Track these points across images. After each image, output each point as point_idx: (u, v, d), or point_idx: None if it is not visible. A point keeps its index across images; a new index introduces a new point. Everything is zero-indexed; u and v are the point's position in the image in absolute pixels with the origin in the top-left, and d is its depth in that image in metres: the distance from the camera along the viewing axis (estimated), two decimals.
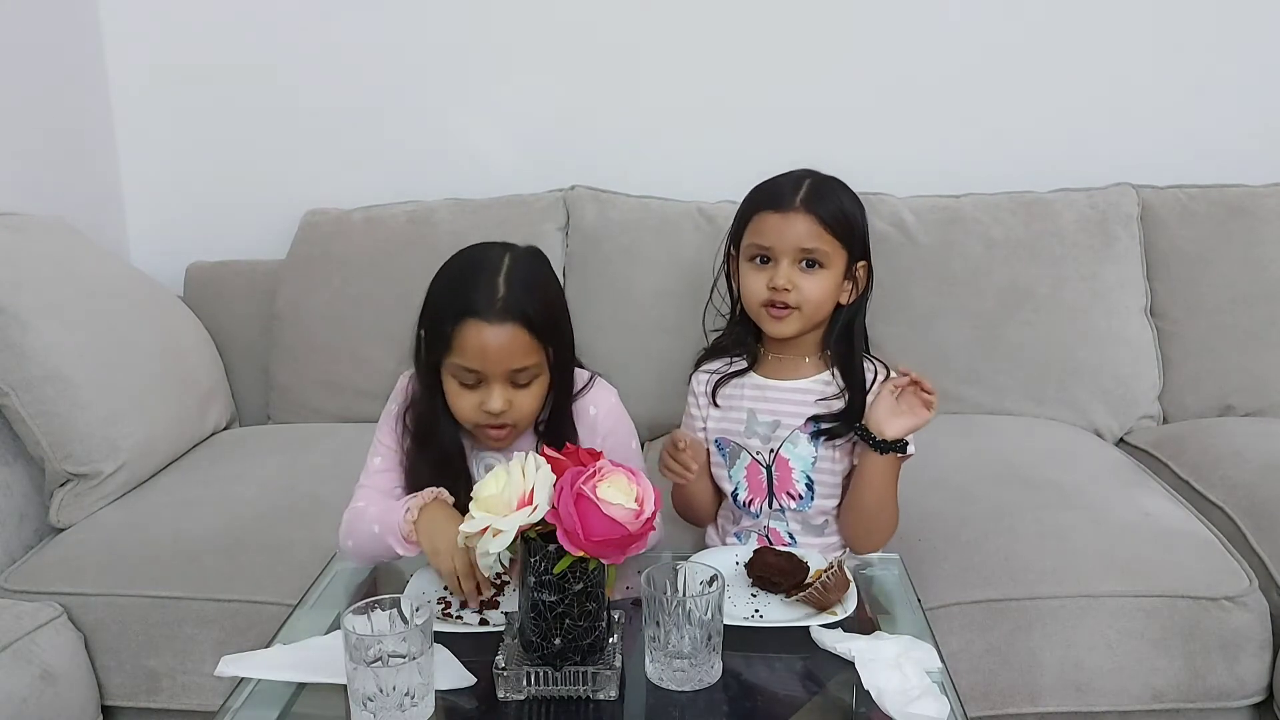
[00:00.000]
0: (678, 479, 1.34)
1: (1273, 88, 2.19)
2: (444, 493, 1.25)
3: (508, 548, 1.00)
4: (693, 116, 2.25)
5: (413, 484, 1.32)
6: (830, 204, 1.33)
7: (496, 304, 1.19)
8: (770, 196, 1.35)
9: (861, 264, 1.38)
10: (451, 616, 1.17)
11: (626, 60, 2.24)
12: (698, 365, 1.47)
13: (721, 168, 2.01)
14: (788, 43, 2.21)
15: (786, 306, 1.33)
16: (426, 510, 1.21)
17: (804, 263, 1.33)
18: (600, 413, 1.35)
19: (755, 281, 1.35)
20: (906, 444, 1.33)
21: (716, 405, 1.43)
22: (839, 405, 1.36)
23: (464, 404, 1.24)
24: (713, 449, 1.45)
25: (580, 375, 1.35)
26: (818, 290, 1.33)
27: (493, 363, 1.20)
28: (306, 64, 2.28)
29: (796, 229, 1.32)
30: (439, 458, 1.31)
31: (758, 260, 1.35)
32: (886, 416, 1.31)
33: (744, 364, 1.43)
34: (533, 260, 1.28)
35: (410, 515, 1.21)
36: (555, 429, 1.31)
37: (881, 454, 1.32)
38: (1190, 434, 1.91)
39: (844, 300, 1.38)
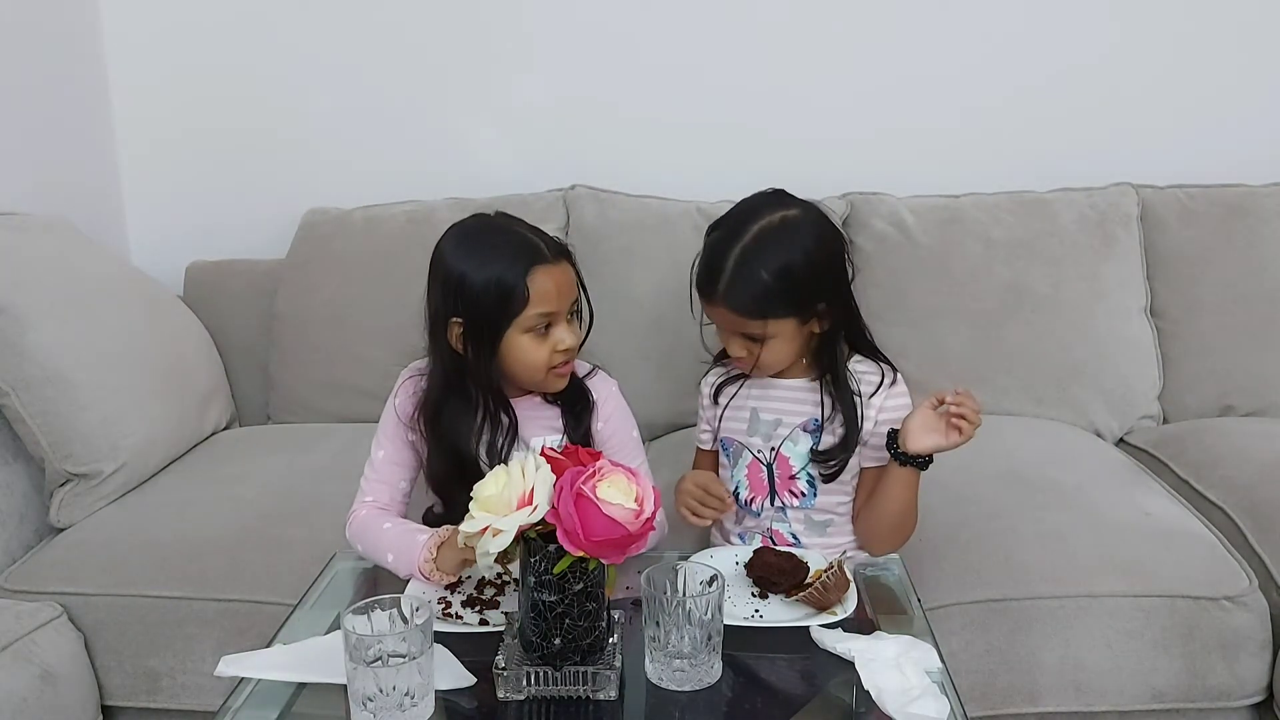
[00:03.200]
0: (717, 513, 1.33)
1: (1272, 88, 2.19)
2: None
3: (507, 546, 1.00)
4: (693, 116, 2.24)
5: (447, 472, 1.33)
6: (749, 291, 1.28)
7: (546, 248, 1.27)
8: (700, 278, 1.33)
9: (822, 303, 1.32)
10: (452, 616, 1.17)
11: (627, 60, 2.24)
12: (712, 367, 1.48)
13: (721, 167, 2.01)
14: (787, 42, 2.21)
15: (747, 364, 1.35)
16: (443, 549, 1.22)
17: (747, 338, 1.32)
18: (601, 398, 1.39)
19: (721, 338, 1.37)
20: (930, 459, 1.31)
21: (717, 403, 1.44)
22: (839, 432, 1.36)
23: (539, 354, 1.28)
24: (720, 449, 1.45)
25: (581, 365, 1.39)
26: (769, 355, 1.33)
27: (564, 298, 1.28)
28: (306, 64, 2.28)
29: (725, 318, 1.32)
30: (496, 424, 1.33)
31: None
32: (918, 430, 1.29)
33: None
34: (514, 217, 1.35)
35: (429, 556, 1.22)
36: (569, 394, 1.36)
37: (901, 465, 1.31)
38: (1190, 434, 1.91)
39: (817, 330, 1.34)
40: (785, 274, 1.28)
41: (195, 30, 2.27)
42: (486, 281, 1.25)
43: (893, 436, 1.32)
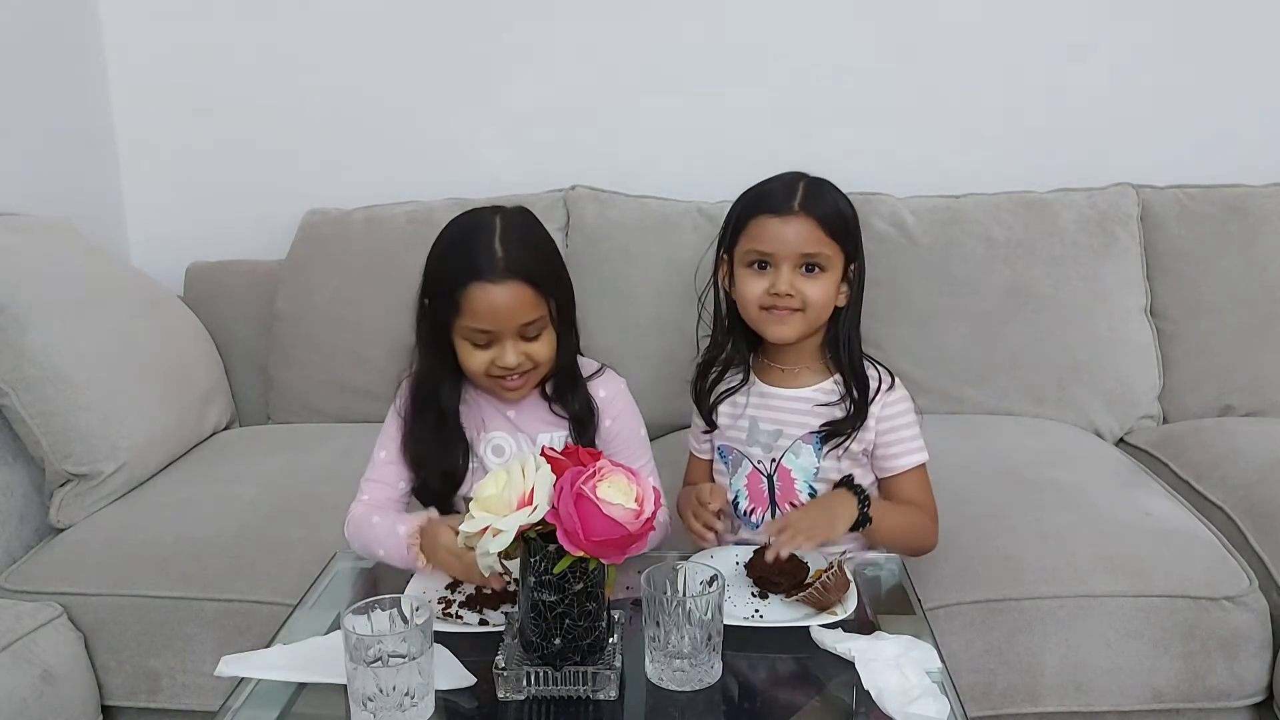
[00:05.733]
0: (699, 538, 1.31)
1: (1272, 87, 2.19)
2: (434, 513, 1.29)
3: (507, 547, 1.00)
4: (693, 116, 2.24)
5: (414, 452, 1.35)
6: (827, 205, 1.31)
7: (498, 264, 1.23)
8: (767, 200, 1.32)
9: (854, 266, 1.35)
10: (452, 616, 1.17)
11: (627, 60, 2.24)
12: (696, 385, 1.45)
13: (721, 168, 2.00)
14: (788, 43, 2.21)
15: (789, 309, 1.31)
16: (425, 535, 1.23)
17: (804, 267, 1.31)
18: (609, 396, 1.39)
19: (754, 287, 1.32)
20: (865, 511, 1.27)
21: (715, 426, 1.43)
22: (840, 413, 1.35)
23: (477, 362, 1.28)
24: (716, 456, 1.45)
25: (589, 364, 1.39)
26: (819, 293, 1.31)
27: (503, 321, 1.24)
28: (307, 64, 2.28)
29: (798, 233, 1.29)
30: (442, 419, 1.34)
31: (756, 265, 1.32)
32: (816, 528, 1.23)
33: (739, 378, 1.41)
34: (524, 219, 1.32)
35: (414, 547, 1.23)
36: (561, 388, 1.36)
37: (865, 523, 1.28)
38: (1190, 434, 1.91)
39: (840, 304, 1.35)
40: (847, 208, 1.34)
41: (195, 30, 2.27)
42: (436, 279, 1.28)
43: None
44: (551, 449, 1.04)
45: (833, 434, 1.35)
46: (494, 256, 1.23)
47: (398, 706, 0.96)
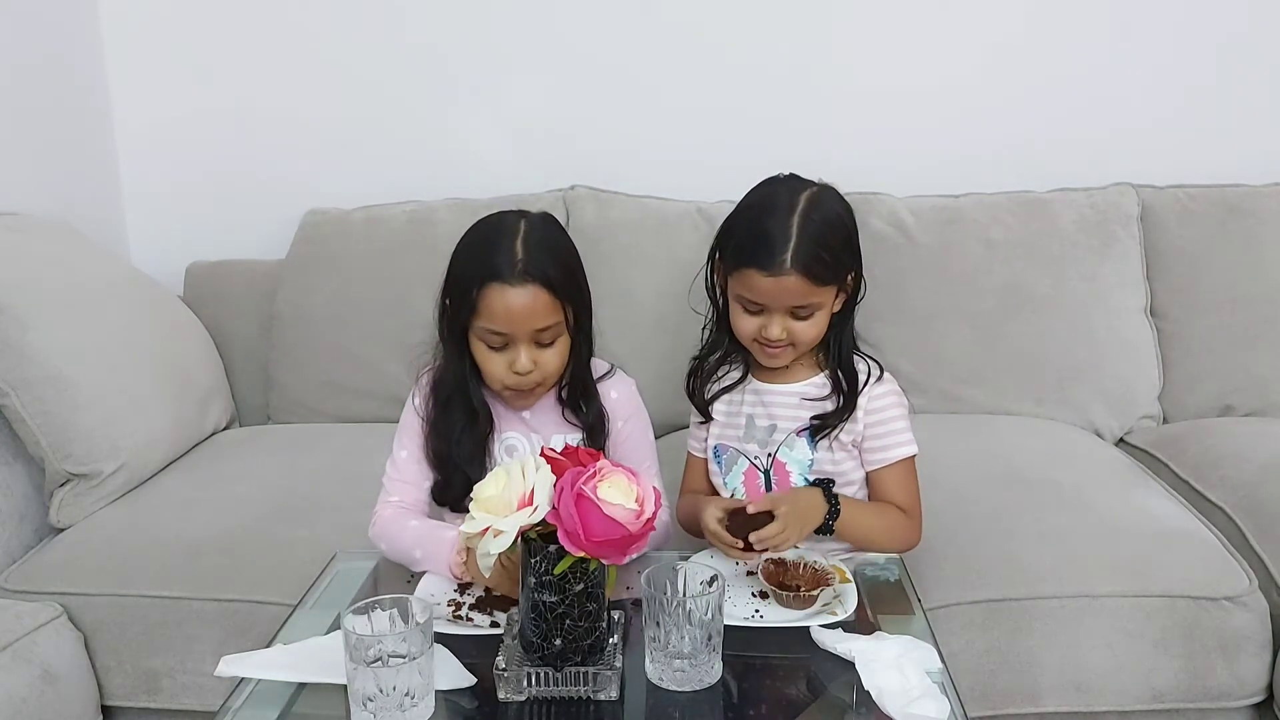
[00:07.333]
0: (730, 550, 1.26)
1: (1273, 88, 2.19)
2: None
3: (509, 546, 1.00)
4: (693, 116, 2.25)
5: (438, 448, 1.35)
6: (820, 249, 1.26)
7: (517, 267, 1.23)
8: (758, 250, 1.27)
9: (851, 275, 1.33)
10: (462, 619, 1.17)
11: (626, 60, 2.24)
12: (690, 381, 1.44)
13: (721, 168, 2.01)
14: (787, 43, 2.21)
15: (780, 346, 1.32)
16: (473, 555, 1.22)
17: (795, 314, 1.30)
18: (620, 398, 1.39)
19: (747, 324, 1.32)
20: (834, 510, 1.28)
21: (711, 418, 1.43)
22: (830, 406, 1.35)
23: (494, 366, 1.28)
24: (710, 457, 1.45)
25: (600, 365, 1.40)
26: (811, 331, 1.31)
27: (517, 323, 1.24)
28: (306, 64, 2.28)
29: (789, 290, 1.27)
30: (467, 420, 1.34)
31: (748, 308, 1.32)
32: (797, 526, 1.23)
33: (739, 373, 1.41)
34: (548, 224, 1.32)
35: (460, 556, 1.23)
36: (575, 395, 1.36)
37: (828, 532, 1.29)
38: (1190, 434, 1.91)
39: (835, 309, 1.34)
40: (843, 236, 1.30)
41: (195, 30, 2.27)
42: (455, 277, 1.28)
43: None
44: (551, 449, 1.05)
45: (822, 425, 1.35)
46: (513, 259, 1.24)
47: (398, 706, 0.96)
